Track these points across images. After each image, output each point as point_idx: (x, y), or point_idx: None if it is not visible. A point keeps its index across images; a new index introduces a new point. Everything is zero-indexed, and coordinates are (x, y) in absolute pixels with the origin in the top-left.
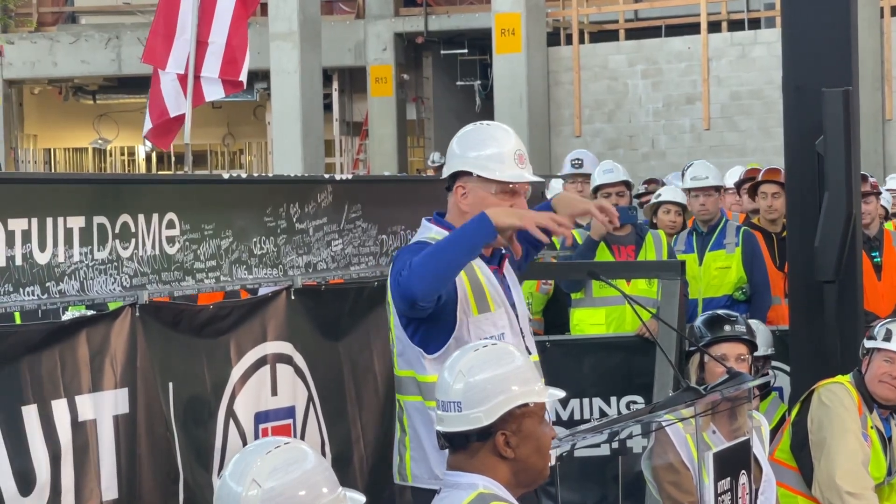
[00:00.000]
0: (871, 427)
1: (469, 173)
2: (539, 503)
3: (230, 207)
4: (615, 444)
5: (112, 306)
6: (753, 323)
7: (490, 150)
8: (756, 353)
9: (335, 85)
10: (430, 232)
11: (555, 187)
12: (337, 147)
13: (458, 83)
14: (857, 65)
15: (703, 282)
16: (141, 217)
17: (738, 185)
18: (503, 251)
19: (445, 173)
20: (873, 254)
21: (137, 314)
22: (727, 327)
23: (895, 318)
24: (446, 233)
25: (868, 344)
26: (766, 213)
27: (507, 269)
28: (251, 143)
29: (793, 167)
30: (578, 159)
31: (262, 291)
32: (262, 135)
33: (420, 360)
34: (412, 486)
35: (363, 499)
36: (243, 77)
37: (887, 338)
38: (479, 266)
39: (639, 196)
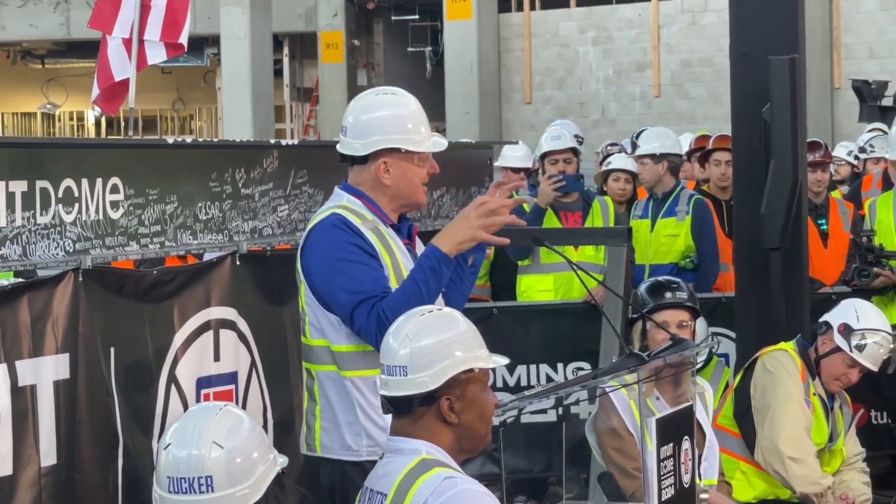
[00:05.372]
0: (814, 394)
1: (394, 149)
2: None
3: (175, 172)
4: (560, 411)
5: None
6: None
7: (409, 123)
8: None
9: (286, 51)
10: (341, 199)
11: (506, 154)
12: (287, 113)
13: (409, 49)
14: (803, 32)
15: (651, 248)
16: (84, 181)
17: (689, 153)
18: (411, 224)
19: (363, 150)
20: (819, 221)
21: (80, 279)
22: (668, 294)
23: (876, 326)
24: (358, 202)
25: (837, 339)
26: (718, 180)
27: (419, 242)
28: (201, 108)
29: (739, 135)
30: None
31: (208, 257)
32: (212, 100)
33: (335, 330)
34: (321, 456)
35: (286, 460)
36: (183, 40)
37: (860, 348)
38: (396, 244)
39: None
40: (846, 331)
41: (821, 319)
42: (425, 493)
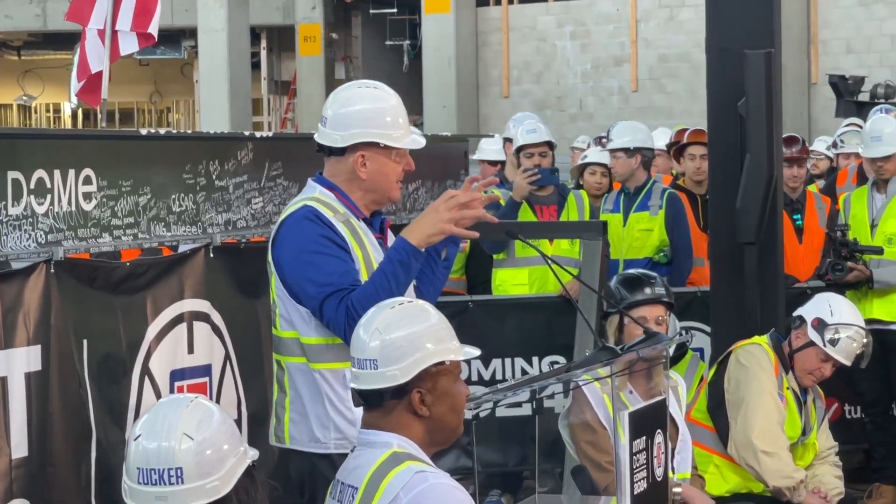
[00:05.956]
0: (787, 388)
1: (372, 143)
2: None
3: (149, 164)
4: (534, 404)
5: None
6: None
7: (389, 117)
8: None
9: (263, 43)
10: (314, 191)
11: (483, 147)
12: (265, 106)
13: (387, 43)
14: (779, 27)
15: (625, 243)
16: (57, 173)
17: (669, 146)
18: (383, 218)
19: (342, 142)
20: (795, 216)
21: (52, 270)
22: (647, 290)
23: (849, 320)
24: (331, 194)
25: (811, 334)
26: (693, 174)
27: (391, 236)
28: (178, 101)
29: (715, 129)
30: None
31: (183, 249)
32: (189, 93)
33: (305, 322)
34: (290, 448)
35: (256, 453)
36: (153, 29)
37: (833, 343)
38: (367, 238)
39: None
40: (820, 325)
41: (794, 314)
42: (396, 487)
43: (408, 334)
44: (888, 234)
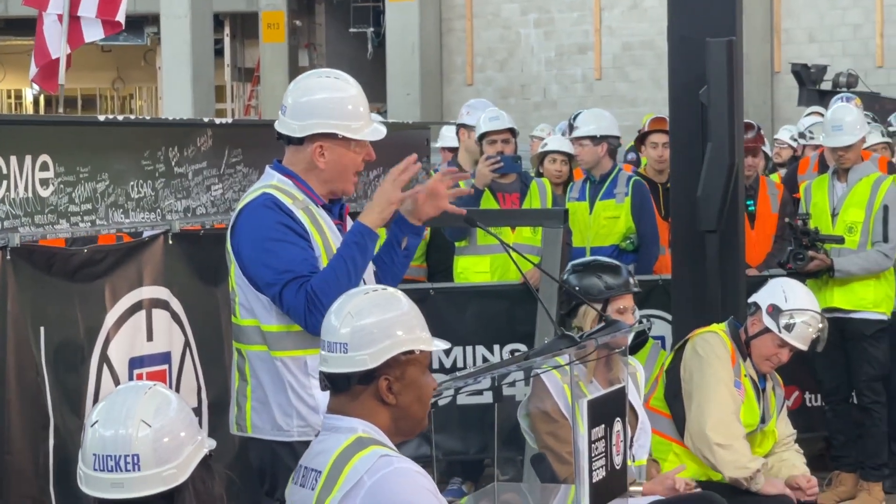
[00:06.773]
0: (745, 375)
1: (330, 134)
2: None
3: (107, 150)
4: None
5: None
6: None
7: (349, 108)
8: None
9: (227, 30)
10: (272, 179)
11: (444, 135)
12: (228, 93)
13: (351, 30)
14: (741, 15)
15: (591, 231)
16: (13, 158)
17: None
18: (342, 204)
19: (300, 132)
20: (747, 202)
21: (8, 257)
22: (631, 279)
23: (804, 305)
24: (289, 181)
25: (766, 320)
26: (655, 163)
27: (350, 222)
28: (141, 87)
29: (677, 117)
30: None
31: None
32: (152, 80)
33: (265, 310)
34: (251, 436)
35: (214, 443)
36: (121, 17)
37: (789, 328)
38: (326, 224)
39: None
40: (774, 311)
41: (750, 300)
42: (360, 470)
43: (379, 321)
44: (849, 223)
